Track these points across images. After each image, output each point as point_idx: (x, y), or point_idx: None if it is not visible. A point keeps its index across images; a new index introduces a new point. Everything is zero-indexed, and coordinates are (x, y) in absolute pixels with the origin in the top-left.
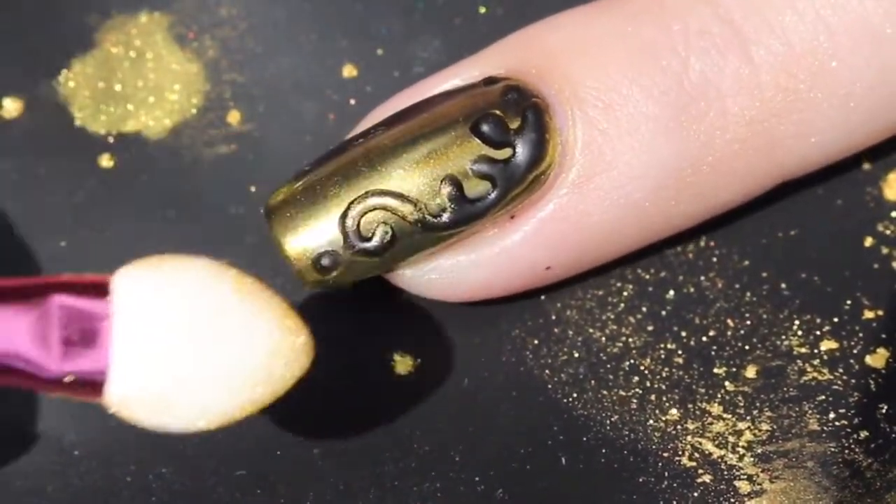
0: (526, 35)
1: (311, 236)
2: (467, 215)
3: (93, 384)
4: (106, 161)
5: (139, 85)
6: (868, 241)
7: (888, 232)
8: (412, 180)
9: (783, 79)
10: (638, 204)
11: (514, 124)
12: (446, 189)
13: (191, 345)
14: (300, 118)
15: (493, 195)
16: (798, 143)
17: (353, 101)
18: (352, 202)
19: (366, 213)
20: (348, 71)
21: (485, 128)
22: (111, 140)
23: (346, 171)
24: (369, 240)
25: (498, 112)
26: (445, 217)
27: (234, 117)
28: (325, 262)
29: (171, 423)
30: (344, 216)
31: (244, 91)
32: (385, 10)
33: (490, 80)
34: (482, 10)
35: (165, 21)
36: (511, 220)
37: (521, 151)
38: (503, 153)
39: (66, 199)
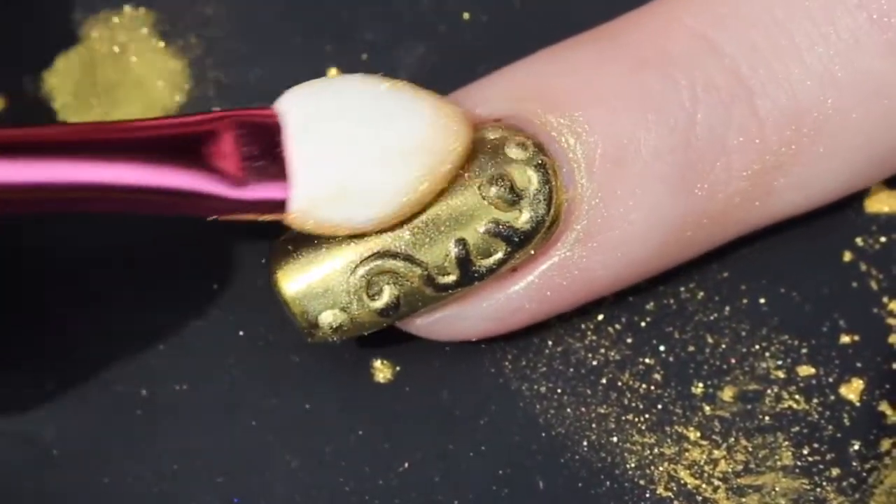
0: (532, 73)
1: (317, 296)
2: (473, 276)
3: (274, 204)
4: None
5: (122, 80)
6: (847, 257)
7: (866, 247)
8: (420, 241)
9: (788, 133)
10: (638, 260)
11: (522, 184)
12: (455, 251)
13: (359, 136)
14: None
15: (499, 255)
16: (796, 194)
17: None
18: (360, 262)
19: (374, 274)
20: (332, 75)
21: (494, 191)
22: None
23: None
24: (376, 300)
25: (506, 174)
26: (452, 278)
27: None
28: (331, 321)
29: (352, 213)
30: (352, 275)
31: (228, 90)
32: (370, 15)
33: (496, 123)
34: (466, 16)
35: (150, 17)
36: (512, 272)
37: (529, 213)
38: (511, 215)
39: None
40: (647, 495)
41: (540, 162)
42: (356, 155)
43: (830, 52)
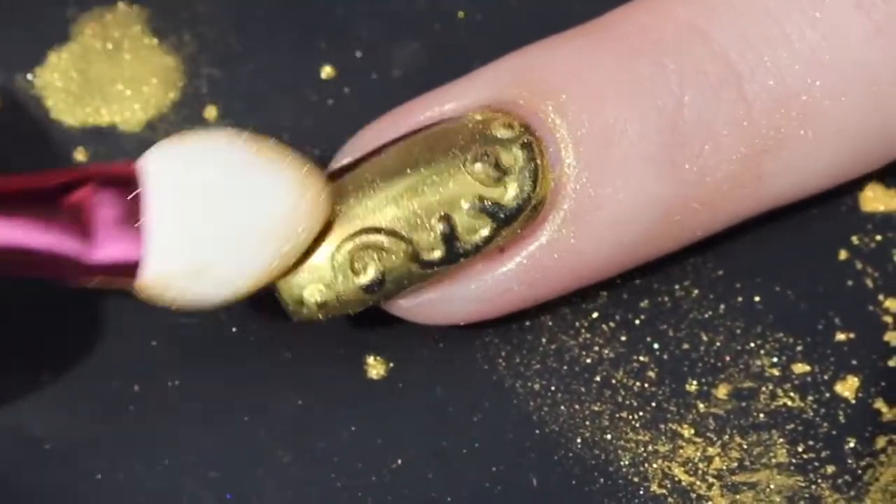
0: (520, 63)
1: (303, 272)
2: (458, 253)
3: (126, 268)
4: (80, 155)
5: (115, 78)
6: (842, 255)
7: (862, 245)
8: (405, 217)
9: (776, 116)
10: (626, 242)
11: (508, 162)
12: (439, 227)
13: (216, 212)
14: (277, 117)
15: (485, 233)
16: (785, 180)
17: (330, 102)
18: (345, 238)
19: (359, 250)
20: (326, 72)
21: (479, 167)
22: (86, 133)
23: (338, 207)
24: (360, 276)
25: (492, 151)
26: (437, 255)
27: (210, 113)
28: (316, 298)
29: (204, 292)
30: (337, 251)
31: (222, 87)
32: (365, 12)
33: (483, 109)
34: (461, 14)
35: (143, 14)
36: (500, 252)
37: (515, 190)
38: (497, 192)
39: None
40: (641, 492)
41: (526, 141)
42: (212, 232)
43: (818, 37)
